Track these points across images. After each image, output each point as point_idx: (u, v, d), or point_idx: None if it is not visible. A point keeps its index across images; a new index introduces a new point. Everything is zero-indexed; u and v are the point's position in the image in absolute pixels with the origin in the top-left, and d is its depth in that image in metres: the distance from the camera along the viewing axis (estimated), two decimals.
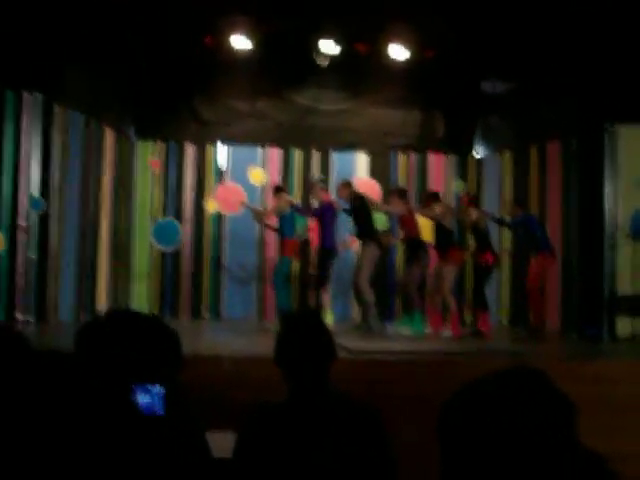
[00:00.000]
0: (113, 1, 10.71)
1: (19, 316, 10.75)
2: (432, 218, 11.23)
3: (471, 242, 11.48)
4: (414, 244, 11.54)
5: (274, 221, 12.03)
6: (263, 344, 7.29)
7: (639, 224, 10.73)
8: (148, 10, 11.18)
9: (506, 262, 12.84)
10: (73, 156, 11.76)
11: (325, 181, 12.06)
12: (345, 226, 11.67)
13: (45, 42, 10.72)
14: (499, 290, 13.23)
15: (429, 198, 11.58)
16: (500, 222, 11.81)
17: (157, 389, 2.67)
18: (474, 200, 11.55)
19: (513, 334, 11.59)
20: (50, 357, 1.99)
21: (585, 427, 1.79)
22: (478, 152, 14.41)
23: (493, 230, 11.75)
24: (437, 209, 11.20)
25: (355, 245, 11.65)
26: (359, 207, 11.16)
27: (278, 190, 11.98)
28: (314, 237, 11.93)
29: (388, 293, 13.09)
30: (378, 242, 11.11)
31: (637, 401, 6.72)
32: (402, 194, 11.80)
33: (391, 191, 12.17)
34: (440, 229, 11.13)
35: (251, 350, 8.43)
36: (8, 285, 10.77)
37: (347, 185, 11.37)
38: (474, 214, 11.12)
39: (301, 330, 3.43)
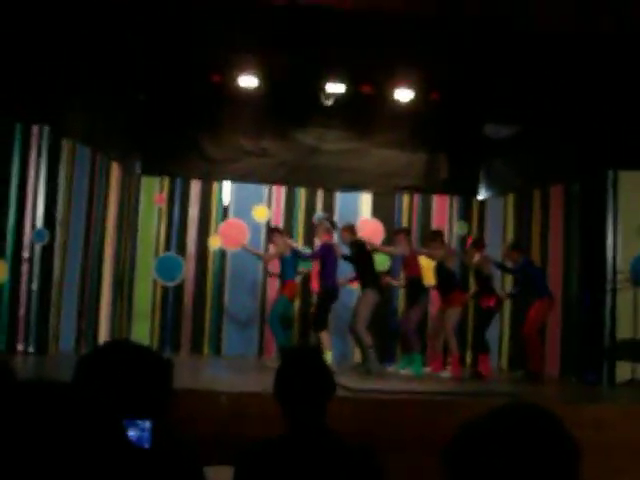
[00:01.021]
0: (123, 37, 10.81)
1: (20, 347, 10.77)
2: (435, 258, 11.27)
3: (473, 285, 11.49)
4: (415, 285, 11.56)
5: (275, 265, 12.11)
6: (262, 381, 7.31)
7: (639, 270, 10.75)
8: (157, 47, 11.28)
9: (507, 306, 12.84)
10: (78, 189, 11.82)
11: (330, 220, 12.06)
12: (347, 267, 11.68)
13: (54, 76, 10.82)
14: (500, 334, 13.21)
15: (431, 237, 11.62)
16: (502, 267, 11.83)
17: (145, 424, 2.70)
18: (478, 243, 11.60)
19: (512, 377, 11.57)
20: (37, 388, 2.01)
21: (584, 470, 1.82)
22: (481, 194, 14.46)
23: (496, 273, 11.80)
24: (440, 251, 11.25)
25: (355, 285, 11.65)
26: (358, 253, 11.22)
27: (275, 231, 12.03)
28: (314, 278, 11.95)
29: (388, 335, 13.08)
30: (379, 288, 11.15)
31: (636, 445, 6.73)
32: (407, 234, 11.87)
33: (397, 231, 12.20)
34: (442, 270, 11.17)
35: (250, 386, 8.43)
36: (10, 316, 10.80)
37: (349, 229, 11.43)
38: (477, 257, 11.16)
39: (301, 365, 3.46)
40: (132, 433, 2.67)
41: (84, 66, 11.14)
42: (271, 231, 12.16)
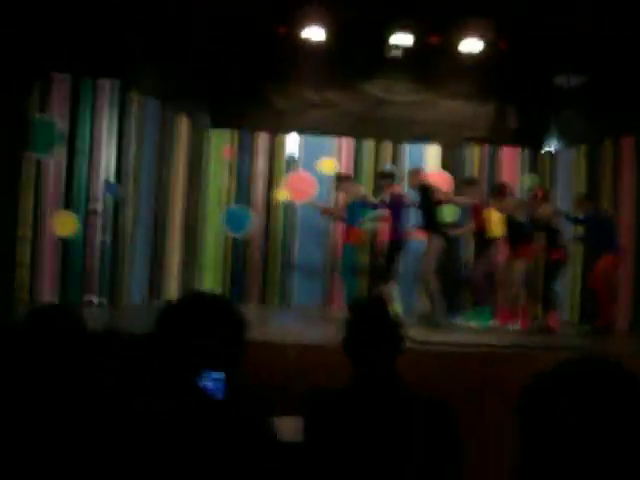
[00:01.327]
0: None
1: (91, 299, 10.96)
2: (504, 210, 11.19)
3: (542, 238, 11.37)
4: (483, 236, 11.50)
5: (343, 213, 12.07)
6: (330, 332, 7.33)
7: None
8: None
9: (578, 260, 12.69)
10: (148, 142, 11.93)
11: (391, 175, 11.95)
12: (414, 217, 11.66)
13: (122, 30, 10.88)
14: (570, 288, 13.09)
15: (500, 190, 11.51)
16: (570, 218, 11.69)
17: (218, 375, 2.74)
18: (546, 196, 11.46)
19: (581, 331, 11.48)
20: (114, 338, 2.05)
21: None
22: (551, 146, 14.26)
23: (565, 227, 11.67)
24: (508, 202, 11.17)
25: (418, 236, 11.57)
26: (424, 197, 11.19)
27: (345, 179, 12.01)
28: (384, 229, 11.88)
29: (456, 286, 13.04)
30: (444, 235, 11.11)
31: None
32: (475, 184, 11.80)
33: (464, 181, 12.14)
34: (512, 222, 11.08)
35: (318, 338, 8.47)
36: (81, 268, 10.99)
37: (416, 173, 11.40)
38: (546, 210, 11.04)
39: (369, 316, 3.47)
40: (206, 384, 2.71)
41: (152, 19, 11.18)
42: (341, 179, 12.14)
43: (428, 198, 11.18)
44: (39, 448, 2.12)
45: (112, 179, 11.13)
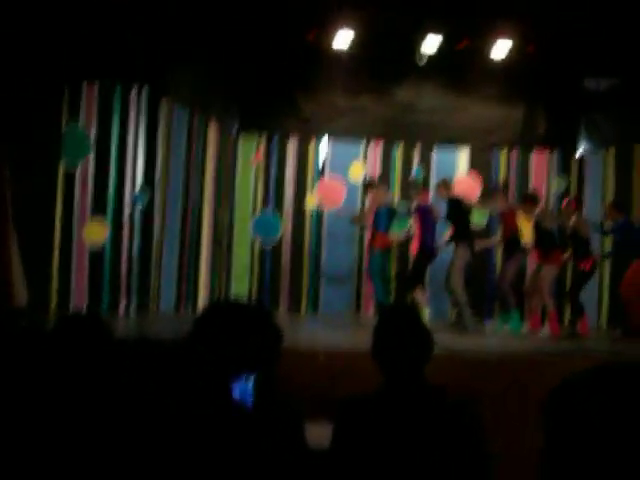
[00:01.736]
0: None
1: (122, 307, 11.00)
2: (533, 218, 11.16)
3: (570, 248, 11.30)
4: (512, 242, 11.46)
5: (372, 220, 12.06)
6: (360, 338, 7.32)
7: None
8: (254, 5, 11.32)
9: (607, 264, 12.60)
10: (177, 149, 11.97)
11: (418, 182, 11.95)
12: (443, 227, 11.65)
13: (153, 36, 10.93)
14: (599, 292, 13.01)
15: (531, 198, 11.48)
16: (600, 231, 11.66)
17: (249, 380, 2.75)
18: (575, 204, 11.41)
19: (610, 336, 11.39)
20: (139, 345, 2.06)
21: None
22: (581, 149, 14.20)
23: (595, 236, 11.61)
24: (539, 210, 11.18)
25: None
26: (454, 209, 11.17)
27: (371, 185, 12.00)
28: (414, 240, 11.81)
29: (486, 292, 13.01)
30: (471, 245, 11.09)
31: None
32: (505, 191, 11.77)
33: (494, 188, 12.11)
34: (540, 229, 11.05)
35: (348, 344, 8.47)
36: (112, 276, 11.03)
37: (444, 185, 11.38)
38: (574, 219, 10.98)
39: (398, 323, 3.46)
40: (236, 389, 2.72)
41: (183, 26, 11.23)
42: (368, 184, 12.14)
43: (456, 210, 11.17)
44: (68, 455, 2.13)
45: (141, 186, 11.17)
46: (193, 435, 1.98)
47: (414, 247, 11.67)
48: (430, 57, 12.64)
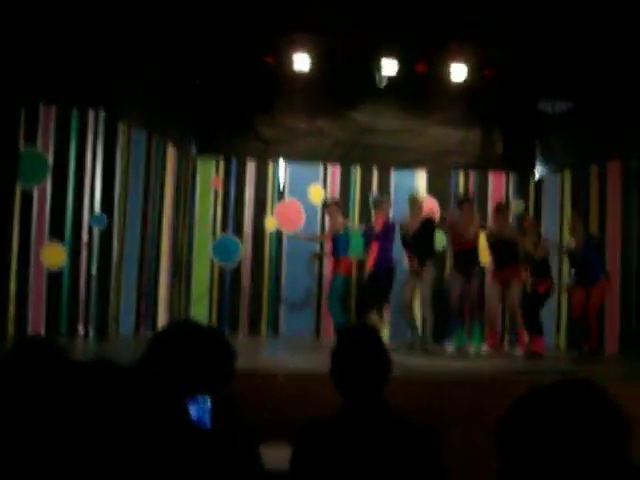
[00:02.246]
0: (175, 20, 10.87)
1: (80, 330, 10.92)
2: (501, 230, 11.24)
3: (526, 269, 11.38)
4: (464, 258, 11.43)
5: (329, 243, 12.08)
6: (320, 361, 7.31)
7: None
8: (210, 28, 11.32)
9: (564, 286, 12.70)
10: (135, 172, 11.93)
11: (380, 202, 11.95)
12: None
13: (109, 61, 10.90)
14: (557, 313, 13.10)
15: (503, 208, 11.54)
16: (561, 251, 11.80)
17: (205, 402, 2.75)
18: (532, 227, 11.52)
19: (570, 356, 11.48)
20: (99, 368, 2.04)
21: None
22: (538, 171, 14.32)
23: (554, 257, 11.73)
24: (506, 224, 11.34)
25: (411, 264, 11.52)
26: (426, 228, 11.21)
27: (334, 205, 12.02)
28: (371, 257, 11.83)
29: (445, 312, 13.05)
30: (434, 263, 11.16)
31: None
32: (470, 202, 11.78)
33: (462, 200, 11.99)
34: (503, 243, 11.12)
35: (308, 366, 8.46)
36: (70, 299, 10.95)
37: (421, 204, 11.45)
38: (534, 241, 11.08)
39: (356, 344, 3.46)
40: (193, 410, 2.73)
41: (138, 50, 11.21)
42: (329, 205, 12.14)
43: (429, 229, 11.23)
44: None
45: (99, 210, 11.12)
46: (149, 455, 1.97)
47: (370, 265, 11.68)
48: (389, 80, 12.70)
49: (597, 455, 1.70)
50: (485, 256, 11.74)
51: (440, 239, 12.06)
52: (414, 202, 11.62)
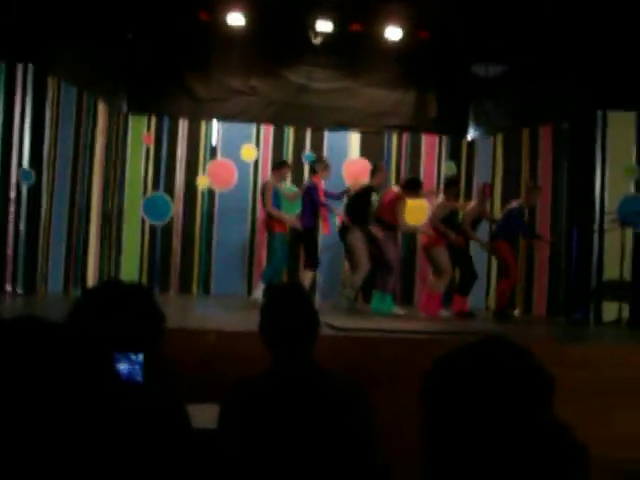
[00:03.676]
0: None
1: (8, 288, 10.77)
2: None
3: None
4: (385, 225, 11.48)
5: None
6: (250, 319, 7.29)
7: (627, 210, 10.77)
8: None
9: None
10: (65, 129, 11.75)
11: (320, 161, 11.88)
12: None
13: (39, 14, 10.70)
14: (487, 276, 13.25)
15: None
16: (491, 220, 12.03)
17: (137, 357, 2.74)
18: (490, 191, 11.79)
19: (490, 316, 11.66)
20: (25, 324, 2.01)
21: (570, 410, 1.83)
22: (470, 134, 14.43)
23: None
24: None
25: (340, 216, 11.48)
26: (366, 195, 11.25)
27: (277, 167, 11.93)
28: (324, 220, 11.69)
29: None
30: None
31: (622, 385, 6.78)
32: (380, 170, 11.78)
33: (373, 168, 11.98)
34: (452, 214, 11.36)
35: (238, 324, 8.46)
36: None
37: (381, 172, 11.48)
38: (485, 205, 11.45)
39: (285, 301, 3.46)
40: (124, 366, 2.72)
41: (70, 3, 11.01)
42: (282, 166, 11.98)
43: (368, 197, 11.27)
44: None
45: (27, 166, 10.94)
46: (77, 412, 1.95)
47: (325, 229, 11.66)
48: (324, 40, 12.67)
49: (519, 411, 1.71)
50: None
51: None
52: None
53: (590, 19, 10.91)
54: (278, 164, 12.00)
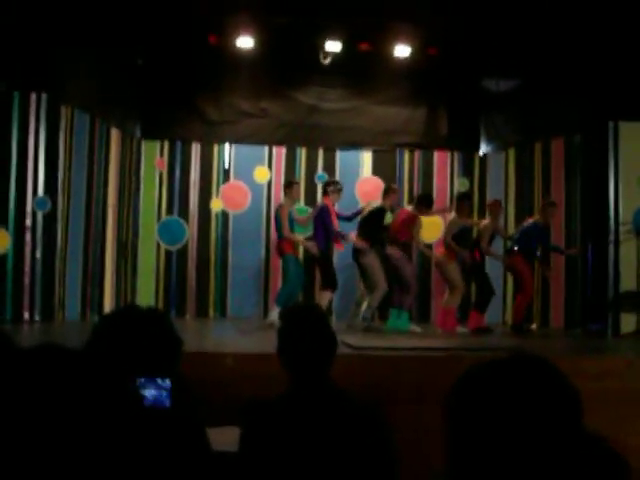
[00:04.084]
0: (120, 0, 10.78)
1: (26, 316, 10.80)
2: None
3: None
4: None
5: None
6: (267, 341, 7.29)
7: None
8: (153, 9, 11.24)
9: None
10: (79, 156, 11.81)
11: (331, 183, 11.87)
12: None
13: (51, 43, 10.77)
14: (503, 290, 13.23)
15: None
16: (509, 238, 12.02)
17: (164, 382, 2.75)
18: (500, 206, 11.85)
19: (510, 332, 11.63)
20: (45, 352, 2.02)
21: (589, 420, 1.83)
22: (482, 149, 14.42)
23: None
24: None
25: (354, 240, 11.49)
26: (380, 215, 11.28)
27: (290, 186, 11.90)
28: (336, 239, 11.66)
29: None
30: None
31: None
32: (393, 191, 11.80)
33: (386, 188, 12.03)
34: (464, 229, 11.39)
35: (255, 347, 8.46)
36: (14, 285, 10.83)
37: (393, 193, 11.53)
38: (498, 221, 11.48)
39: (303, 323, 3.47)
40: (151, 392, 2.72)
41: (81, 32, 11.09)
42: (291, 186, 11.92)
43: (381, 218, 11.29)
44: None
45: (42, 193, 11.00)
46: (102, 439, 1.96)
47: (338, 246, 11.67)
48: (333, 59, 12.71)
49: (545, 426, 1.71)
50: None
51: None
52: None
53: (599, 30, 10.91)
54: (287, 185, 11.96)
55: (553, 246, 11.78)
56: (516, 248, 11.26)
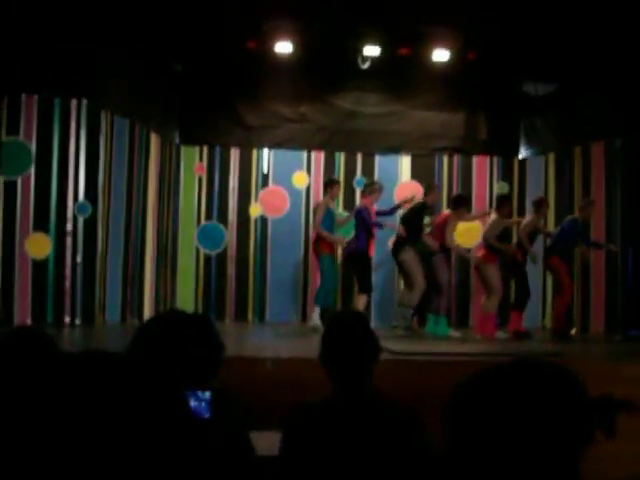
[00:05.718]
0: (156, 6, 10.85)
1: (67, 319, 10.90)
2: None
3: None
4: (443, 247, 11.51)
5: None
6: (305, 346, 7.32)
7: None
8: (192, 15, 11.30)
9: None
10: (119, 161, 11.90)
11: (371, 184, 11.89)
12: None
13: (91, 49, 10.87)
14: (543, 294, 13.17)
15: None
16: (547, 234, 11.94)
17: (204, 395, 2.76)
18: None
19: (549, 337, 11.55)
20: (91, 358, 2.03)
21: (628, 427, 1.80)
22: (522, 154, 14.36)
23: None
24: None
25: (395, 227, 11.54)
26: (421, 214, 11.31)
27: (336, 184, 11.94)
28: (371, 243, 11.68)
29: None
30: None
31: None
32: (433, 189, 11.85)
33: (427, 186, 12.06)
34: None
35: (294, 351, 8.48)
36: (56, 288, 10.92)
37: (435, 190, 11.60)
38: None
39: (347, 329, 3.47)
40: (191, 403, 2.75)
41: (121, 38, 11.18)
42: (332, 184, 11.99)
43: (421, 213, 11.31)
44: (17, 471, 2.10)
45: (83, 198, 11.09)
46: (148, 447, 1.97)
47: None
48: (371, 64, 12.71)
49: (546, 432, 1.68)
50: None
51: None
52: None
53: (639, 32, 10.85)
54: (328, 182, 11.98)
55: (592, 242, 11.67)
56: (551, 245, 11.24)
